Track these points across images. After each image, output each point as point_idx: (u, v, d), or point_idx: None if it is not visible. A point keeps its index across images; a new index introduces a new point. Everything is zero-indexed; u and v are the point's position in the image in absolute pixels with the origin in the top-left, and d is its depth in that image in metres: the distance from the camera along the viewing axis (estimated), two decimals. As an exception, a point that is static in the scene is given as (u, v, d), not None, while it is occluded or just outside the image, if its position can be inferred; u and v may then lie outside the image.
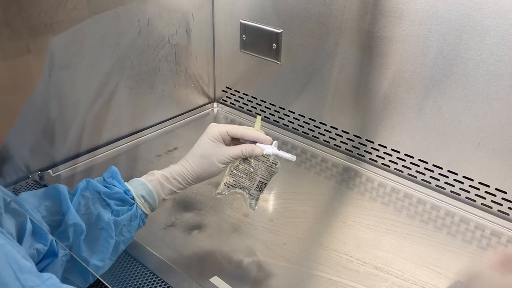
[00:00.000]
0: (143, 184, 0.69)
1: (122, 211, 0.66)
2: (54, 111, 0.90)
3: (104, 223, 0.64)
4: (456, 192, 0.91)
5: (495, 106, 0.81)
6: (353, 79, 0.97)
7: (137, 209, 0.68)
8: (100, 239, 0.63)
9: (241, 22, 1.12)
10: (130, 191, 0.68)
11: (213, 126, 0.74)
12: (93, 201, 0.65)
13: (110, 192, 0.66)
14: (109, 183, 0.68)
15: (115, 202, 0.66)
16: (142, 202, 0.68)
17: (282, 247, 0.80)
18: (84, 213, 0.63)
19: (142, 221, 0.70)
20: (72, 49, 0.90)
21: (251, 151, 0.72)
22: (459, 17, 0.79)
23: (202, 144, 0.73)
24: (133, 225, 0.68)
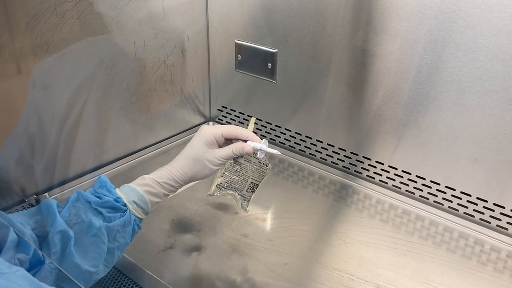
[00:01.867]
0: (134, 189, 0.70)
1: (114, 217, 0.66)
2: (49, 133, 0.90)
3: (95, 229, 0.64)
4: (454, 207, 0.92)
5: (490, 122, 0.81)
6: (348, 96, 0.98)
7: (130, 215, 0.68)
8: (92, 245, 0.63)
9: (236, 42, 1.12)
10: (121, 198, 0.68)
11: (207, 129, 0.75)
12: (84, 210, 0.65)
13: (101, 202, 0.66)
14: (99, 193, 0.68)
15: (107, 210, 0.66)
16: (135, 207, 0.69)
17: (283, 267, 0.80)
18: (75, 223, 0.64)
19: (137, 225, 0.70)
20: (67, 71, 0.90)
21: (241, 149, 0.74)
22: (452, 35, 0.80)
23: (195, 147, 0.74)
24: (127, 231, 0.67)
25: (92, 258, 0.63)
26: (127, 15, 0.97)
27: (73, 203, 0.65)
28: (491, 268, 0.81)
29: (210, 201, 0.96)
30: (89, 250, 0.63)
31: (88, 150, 1.00)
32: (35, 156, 0.89)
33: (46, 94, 0.87)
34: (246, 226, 0.89)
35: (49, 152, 0.91)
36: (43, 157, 0.91)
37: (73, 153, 0.96)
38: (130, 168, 1.08)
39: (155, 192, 0.71)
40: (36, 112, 0.87)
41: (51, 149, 0.92)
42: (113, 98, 1.01)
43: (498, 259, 0.84)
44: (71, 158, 0.96)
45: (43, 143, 0.90)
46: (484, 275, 0.80)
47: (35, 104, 0.86)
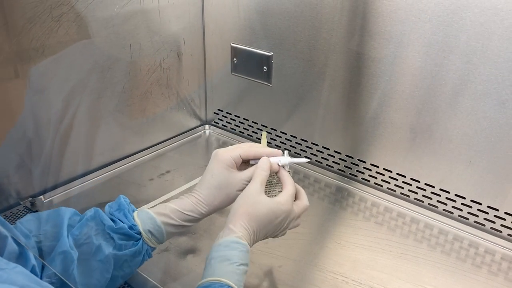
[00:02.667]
0: (152, 218, 0.66)
1: (125, 246, 0.64)
2: (44, 136, 0.90)
3: (103, 256, 0.62)
4: (448, 210, 0.92)
5: (484, 125, 0.82)
6: (343, 99, 0.99)
7: (142, 245, 0.65)
8: (96, 272, 0.62)
9: (232, 46, 1.13)
10: (136, 226, 0.65)
11: (224, 153, 0.70)
12: (96, 231, 0.63)
13: (115, 227, 0.64)
14: (116, 216, 0.66)
15: (119, 236, 0.64)
16: (149, 237, 0.66)
17: (278, 269, 0.80)
18: (83, 242, 0.62)
19: (148, 255, 0.68)
20: (63, 74, 0.90)
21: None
22: (445, 38, 0.81)
23: (216, 174, 0.69)
24: (136, 261, 0.66)
25: (93, 285, 0.62)
26: (123, 18, 0.97)
27: (87, 221, 0.63)
28: (485, 271, 0.82)
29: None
30: (93, 276, 0.61)
31: (84, 153, 1.00)
32: (32, 159, 0.89)
33: (41, 97, 0.87)
34: (241, 228, 0.89)
35: (46, 155, 0.91)
36: (40, 160, 0.91)
37: (67, 156, 0.96)
38: (127, 171, 1.08)
39: (175, 224, 0.68)
40: (32, 115, 0.87)
41: (47, 152, 0.92)
42: (109, 101, 1.01)
43: (492, 261, 0.84)
44: (65, 162, 0.96)
45: (39, 146, 0.90)
46: (479, 277, 0.80)
47: (31, 107, 0.86)
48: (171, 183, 1.04)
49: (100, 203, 0.95)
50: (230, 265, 0.59)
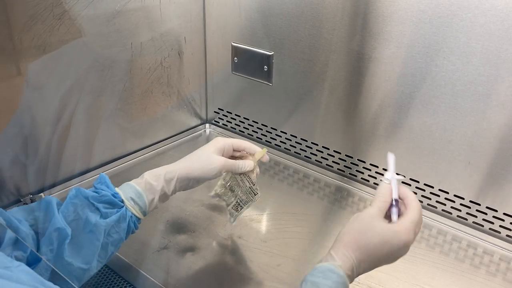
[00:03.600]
0: (132, 186, 0.70)
1: (110, 213, 0.66)
2: (45, 134, 0.90)
3: (91, 226, 0.64)
4: (447, 210, 0.92)
5: (483, 125, 0.82)
6: (343, 99, 0.99)
7: (126, 211, 0.68)
8: (86, 242, 0.64)
9: (233, 45, 1.13)
10: (118, 194, 0.68)
11: (219, 139, 0.79)
12: (82, 206, 0.65)
13: (98, 196, 0.66)
14: (98, 188, 0.68)
15: (104, 205, 0.66)
16: (132, 204, 0.69)
17: (276, 268, 0.80)
18: (73, 219, 0.64)
19: (134, 224, 0.70)
20: (64, 72, 0.90)
21: (244, 164, 0.78)
22: (446, 39, 0.81)
23: (205, 148, 0.77)
24: (121, 227, 0.67)
25: (85, 255, 0.63)
26: (124, 17, 0.97)
27: (71, 200, 0.65)
28: (483, 271, 0.82)
29: (205, 203, 0.96)
30: (83, 247, 0.63)
31: (85, 151, 1.01)
32: (30, 156, 0.90)
33: (40, 95, 0.88)
34: (241, 227, 0.89)
35: (44, 152, 0.92)
36: (40, 157, 0.92)
37: (67, 154, 0.96)
38: (127, 169, 1.09)
39: (151, 188, 0.71)
40: (28, 113, 0.87)
41: (46, 149, 0.92)
42: (110, 99, 1.01)
43: (490, 262, 0.84)
44: (65, 159, 0.97)
45: (37, 143, 0.90)
46: (477, 278, 0.80)
47: (29, 104, 0.87)
48: (171, 181, 1.04)
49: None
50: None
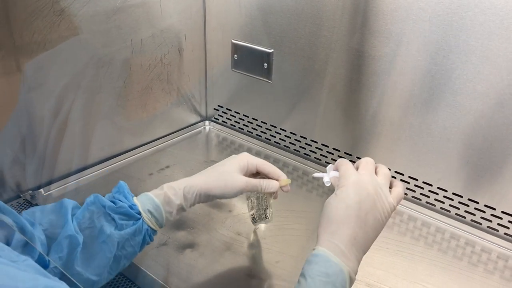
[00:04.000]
0: (150, 198, 0.68)
1: (126, 225, 0.65)
2: (45, 129, 0.91)
3: (105, 236, 0.63)
4: (446, 208, 0.92)
5: (482, 124, 0.82)
6: (343, 97, 0.99)
7: (142, 224, 0.66)
8: (99, 253, 0.63)
9: (233, 42, 1.13)
10: (136, 205, 0.67)
11: (245, 155, 0.75)
12: (98, 214, 0.64)
13: (115, 207, 0.65)
14: (116, 197, 0.67)
15: (120, 216, 0.65)
16: (149, 217, 0.67)
17: (275, 265, 0.80)
18: (87, 227, 0.63)
19: (149, 237, 0.68)
20: (64, 68, 0.90)
21: (268, 186, 0.74)
22: (445, 38, 0.81)
23: (226, 164, 0.73)
24: (137, 240, 0.66)
25: (97, 266, 0.62)
26: (125, 13, 0.97)
27: (88, 206, 0.65)
28: (481, 269, 0.82)
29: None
30: (95, 257, 0.62)
31: (84, 147, 1.01)
32: (29, 152, 0.90)
33: (38, 92, 0.88)
34: (240, 224, 0.89)
35: (43, 149, 0.92)
36: (39, 154, 0.92)
37: (67, 150, 0.97)
38: (127, 166, 1.09)
39: (170, 201, 0.69)
40: (27, 109, 0.87)
41: (44, 146, 0.92)
42: (110, 95, 1.01)
43: (488, 260, 0.85)
44: (65, 155, 0.97)
45: (36, 141, 0.90)
46: (475, 275, 0.81)
47: (27, 102, 0.87)
48: (170, 178, 1.04)
49: (99, 197, 0.96)
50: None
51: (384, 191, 0.61)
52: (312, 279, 0.55)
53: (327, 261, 0.56)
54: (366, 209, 0.58)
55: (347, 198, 0.59)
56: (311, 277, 0.55)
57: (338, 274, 0.55)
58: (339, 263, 0.56)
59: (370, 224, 0.59)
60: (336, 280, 0.55)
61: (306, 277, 0.56)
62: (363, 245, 0.59)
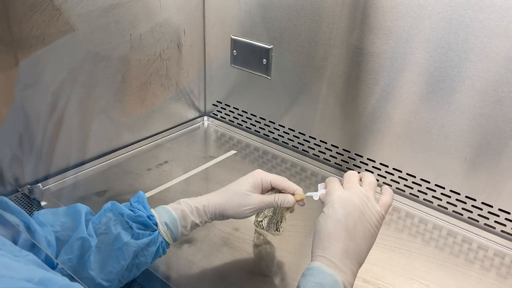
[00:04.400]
0: (168, 211, 0.69)
1: (143, 235, 0.66)
2: (41, 125, 0.90)
3: (121, 244, 0.63)
4: (443, 206, 0.93)
5: (480, 121, 0.83)
6: (341, 94, 0.99)
7: (158, 236, 0.67)
8: (113, 259, 0.63)
9: (232, 38, 1.13)
10: (154, 216, 0.68)
11: (259, 172, 0.74)
12: (115, 222, 0.65)
13: (134, 215, 0.66)
14: (134, 207, 0.68)
15: (137, 225, 0.66)
16: (165, 229, 0.68)
17: (273, 261, 0.81)
18: (103, 232, 0.64)
19: (163, 250, 0.69)
20: (61, 63, 0.90)
21: (284, 200, 0.74)
22: (445, 35, 0.81)
23: (241, 183, 0.73)
24: (150, 251, 0.67)
25: (109, 272, 0.63)
26: (124, 8, 0.97)
27: (105, 212, 0.66)
28: (478, 266, 0.83)
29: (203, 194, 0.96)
30: (108, 263, 0.63)
31: (81, 142, 1.01)
32: (27, 147, 0.90)
33: (35, 87, 0.87)
34: (238, 220, 0.88)
35: (44, 143, 0.92)
36: (36, 149, 0.92)
37: (66, 145, 0.97)
38: (125, 160, 1.09)
39: (186, 217, 0.70)
40: (25, 103, 0.87)
41: (41, 141, 0.92)
42: (108, 90, 1.01)
43: (485, 257, 0.85)
44: (64, 150, 0.97)
45: (33, 136, 0.90)
46: (471, 272, 0.81)
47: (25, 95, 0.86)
48: (169, 173, 1.04)
49: (99, 191, 0.96)
50: None
51: (371, 200, 0.62)
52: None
53: (321, 273, 0.57)
54: (354, 221, 0.60)
55: (333, 213, 0.61)
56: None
57: (333, 284, 0.56)
58: (334, 274, 0.57)
59: (360, 235, 0.60)
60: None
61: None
62: (357, 257, 0.60)
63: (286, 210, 0.78)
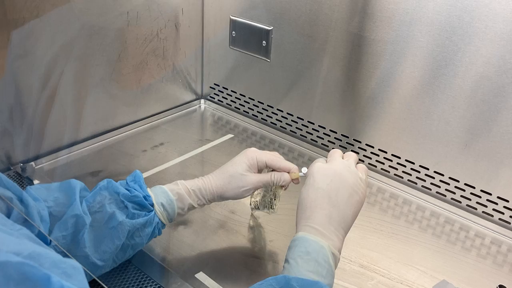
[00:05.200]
0: (165, 192, 0.68)
1: (138, 215, 0.65)
2: (33, 100, 0.88)
3: (116, 223, 0.62)
4: (441, 193, 0.92)
5: (482, 108, 0.81)
6: (341, 78, 0.98)
7: (154, 217, 0.66)
8: (107, 238, 0.62)
9: (231, 18, 1.11)
10: (150, 197, 0.67)
11: (253, 152, 0.73)
12: (110, 200, 0.64)
13: (130, 195, 0.65)
14: (131, 186, 0.67)
15: (133, 205, 0.65)
16: (161, 210, 0.67)
17: (269, 244, 0.80)
18: (97, 211, 0.63)
19: (158, 230, 0.68)
20: (55, 37, 0.88)
21: (280, 179, 0.73)
22: (449, 19, 0.80)
23: (236, 164, 0.72)
24: (146, 232, 0.66)
25: (103, 251, 0.62)
26: (121, -16, 0.95)
27: (100, 191, 0.64)
28: (474, 254, 0.82)
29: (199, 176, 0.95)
30: (103, 242, 0.62)
31: (76, 121, 0.99)
32: (20, 125, 0.88)
33: (31, 63, 0.85)
34: (234, 203, 0.88)
35: (35, 119, 0.90)
36: (30, 123, 0.90)
37: (59, 124, 0.95)
38: (120, 141, 1.07)
39: (183, 199, 0.69)
40: (16, 78, 0.85)
41: (34, 119, 0.90)
42: (103, 69, 0.99)
43: (482, 245, 0.84)
44: (57, 129, 0.95)
45: (26, 110, 0.88)
46: (468, 260, 0.80)
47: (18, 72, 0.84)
48: (164, 155, 1.03)
49: (92, 171, 0.95)
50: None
51: (352, 167, 0.64)
52: (294, 260, 0.56)
53: (305, 241, 0.57)
54: (337, 188, 0.60)
55: (314, 182, 0.61)
56: (293, 258, 0.56)
57: (319, 250, 0.56)
58: (318, 240, 0.57)
59: (344, 202, 0.60)
60: (318, 256, 0.56)
61: (288, 260, 0.57)
62: (342, 222, 0.60)
63: (279, 188, 0.77)
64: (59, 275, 0.35)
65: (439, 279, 0.75)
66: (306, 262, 0.55)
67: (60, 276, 0.35)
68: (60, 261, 0.37)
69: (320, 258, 0.56)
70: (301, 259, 0.56)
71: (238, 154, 0.74)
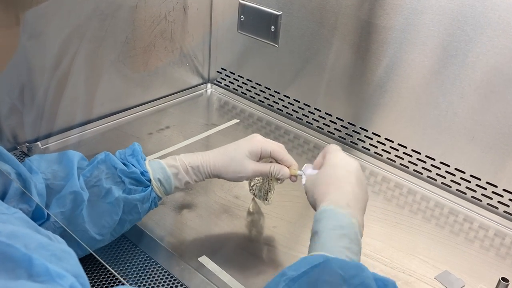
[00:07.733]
0: (163, 168, 0.68)
1: (135, 191, 0.65)
2: (45, 79, 0.88)
3: (113, 198, 0.63)
4: (447, 184, 0.92)
5: (492, 99, 0.81)
6: (350, 65, 0.97)
7: (151, 192, 0.67)
8: (105, 213, 0.62)
9: (240, 2, 1.10)
10: (147, 172, 0.67)
11: (259, 140, 0.72)
12: (107, 175, 0.64)
13: (127, 171, 0.65)
14: (128, 161, 0.67)
15: (130, 180, 0.65)
16: (158, 186, 0.68)
17: (272, 229, 0.80)
18: (93, 185, 0.63)
19: (155, 204, 0.69)
20: (65, 20, 0.87)
21: (278, 172, 0.72)
22: (461, 8, 0.78)
23: (239, 149, 0.71)
24: (144, 207, 0.67)
25: (102, 226, 0.62)
26: (130, -36, 0.94)
27: (98, 164, 0.64)
28: (477, 245, 0.82)
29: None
30: (101, 217, 0.62)
31: (83, 102, 0.99)
32: (28, 104, 0.88)
33: (38, 43, 0.85)
34: (238, 188, 0.88)
35: (42, 101, 0.90)
36: (37, 105, 0.90)
37: (66, 104, 0.95)
38: (126, 123, 1.07)
39: (180, 175, 0.69)
40: (26, 61, 0.85)
41: (43, 99, 0.90)
42: (111, 50, 0.99)
43: (485, 237, 0.84)
44: (64, 110, 0.95)
45: (37, 89, 0.88)
46: (471, 251, 0.80)
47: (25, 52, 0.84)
48: (169, 139, 1.03)
49: (97, 153, 0.94)
50: None
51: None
52: (326, 233, 0.54)
53: (336, 214, 0.55)
54: (359, 170, 0.63)
55: (340, 161, 0.63)
56: (325, 231, 0.54)
57: (351, 226, 0.55)
58: (348, 214, 0.55)
59: (365, 186, 0.62)
60: (351, 232, 0.54)
61: (319, 233, 0.55)
62: (363, 205, 0.60)
63: (275, 180, 0.76)
64: (46, 257, 0.34)
65: (442, 270, 0.75)
66: (339, 237, 0.53)
67: (47, 258, 0.34)
68: (48, 243, 0.37)
69: (353, 236, 0.54)
70: (334, 234, 0.54)
71: (243, 138, 0.74)
